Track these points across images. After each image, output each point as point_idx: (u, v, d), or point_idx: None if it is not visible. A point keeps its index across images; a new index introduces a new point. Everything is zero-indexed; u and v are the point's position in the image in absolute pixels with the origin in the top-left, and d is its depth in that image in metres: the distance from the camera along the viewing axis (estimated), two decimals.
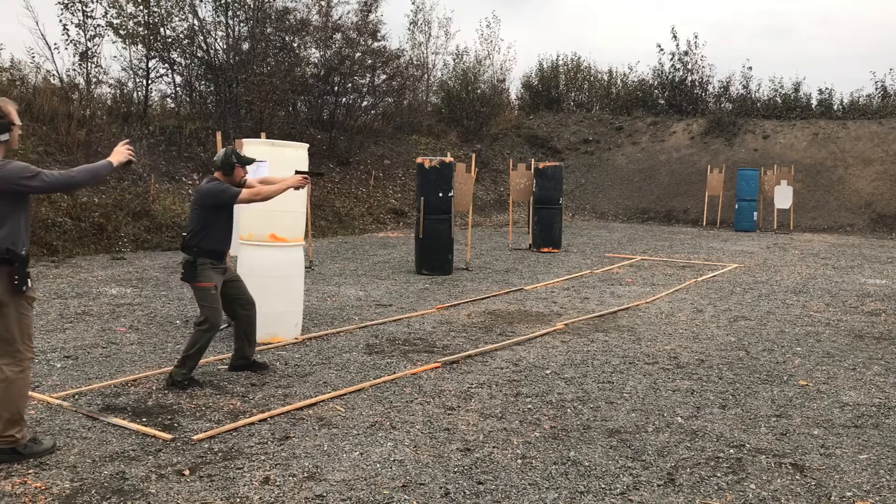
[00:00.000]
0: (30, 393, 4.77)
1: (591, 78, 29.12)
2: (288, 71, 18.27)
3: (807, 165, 21.69)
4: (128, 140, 4.49)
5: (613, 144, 25.39)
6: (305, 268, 8.20)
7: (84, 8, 15.40)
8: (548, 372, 5.64)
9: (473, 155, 13.55)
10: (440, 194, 10.55)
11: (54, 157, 13.21)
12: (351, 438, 4.18)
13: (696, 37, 34.58)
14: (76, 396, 4.80)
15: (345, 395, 4.94)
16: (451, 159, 10.79)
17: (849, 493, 3.62)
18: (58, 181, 4.04)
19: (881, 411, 4.89)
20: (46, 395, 4.76)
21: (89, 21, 15.55)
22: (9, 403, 3.73)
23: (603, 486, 3.65)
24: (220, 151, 5.39)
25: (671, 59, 26.38)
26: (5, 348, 3.73)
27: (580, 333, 7.03)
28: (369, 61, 20.28)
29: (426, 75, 26.06)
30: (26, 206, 3.89)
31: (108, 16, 16.08)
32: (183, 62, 17.68)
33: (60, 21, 15.19)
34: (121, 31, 16.36)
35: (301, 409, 4.65)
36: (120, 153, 4.26)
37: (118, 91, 17.11)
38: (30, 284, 3.78)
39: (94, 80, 15.97)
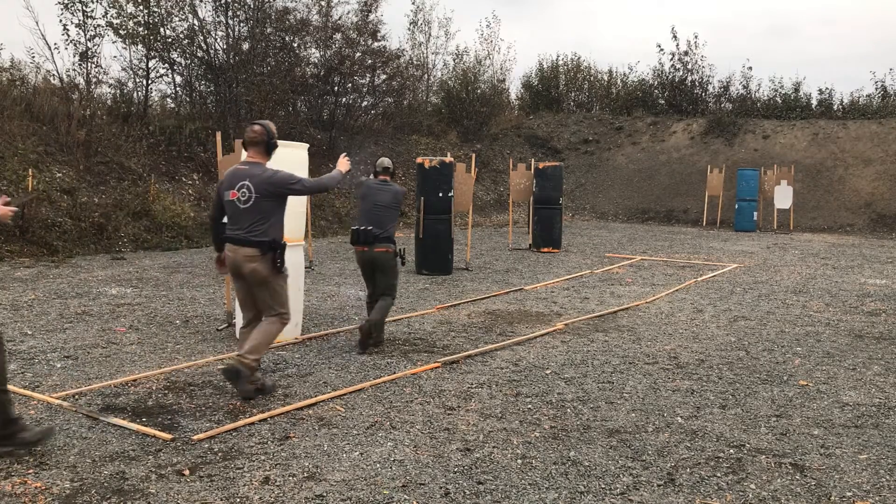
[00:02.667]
0: (30, 393, 4.79)
1: (591, 78, 29.14)
2: (288, 71, 18.28)
3: (807, 165, 21.69)
4: (346, 153, 5.71)
5: (613, 144, 25.39)
6: (305, 268, 8.20)
7: (84, 8, 15.41)
8: (548, 372, 5.64)
9: (473, 155, 13.55)
10: (440, 194, 10.55)
11: (54, 157, 13.21)
12: (351, 438, 4.18)
13: (696, 37, 34.56)
14: (76, 396, 4.80)
15: (345, 395, 4.94)
16: (451, 159, 10.79)
17: (849, 493, 3.62)
18: (311, 186, 5.21)
19: (881, 411, 4.89)
20: (46, 395, 4.76)
21: (89, 21, 15.56)
22: (266, 337, 4.90)
23: (603, 486, 3.65)
24: (387, 159, 6.70)
25: (671, 59, 26.40)
26: (269, 311, 4.96)
27: (580, 333, 7.02)
28: (369, 61, 20.30)
29: (426, 75, 26.07)
30: (285, 205, 4.98)
31: (108, 16, 16.09)
32: (183, 62, 17.69)
33: (60, 21, 15.20)
34: (121, 31, 16.36)
35: (301, 409, 4.65)
36: (344, 164, 5.46)
37: (118, 91, 17.13)
38: (285, 266, 4.93)
39: (94, 80, 15.97)
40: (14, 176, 11.99)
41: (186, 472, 3.66)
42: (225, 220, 4.95)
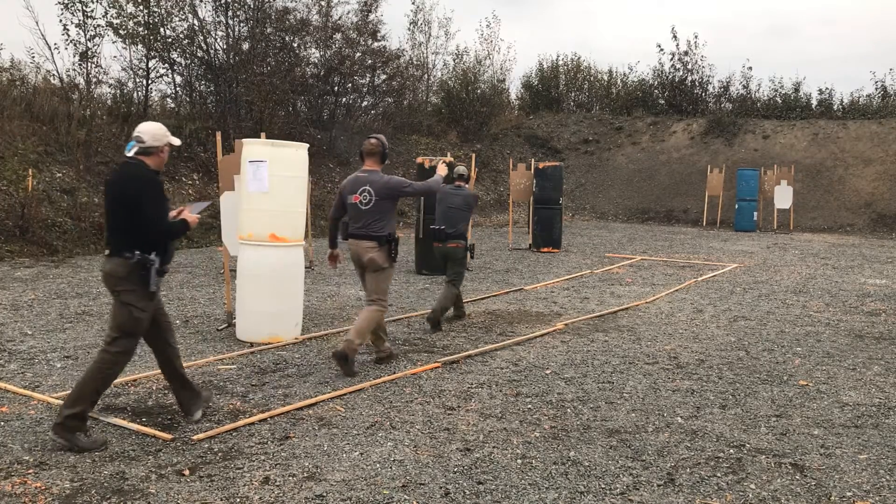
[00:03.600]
0: (30, 393, 4.79)
1: (591, 78, 29.14)
2: (288, 71, 18.28)
3: (807, 165, 21.70)
4: (443, 158, 7.01)
5: (613, 144, 25.39)
6: (305, 268, 8.19)
7: (84, 8, 15.42)
8: (548, 372, 5.64)
9: (473, 155, 13.55)
10: None
11: (54, 157, 13.21)
12: (351, 438, 4.18)
13: (696, 37, 34.56)
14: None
15: (345, 395, 4.94)
16: (452, 159, 10.78)
17: (849, 493, 3.62)
18: (419, 189, 6.06)
19: (881, 411, 4.89)
20: (46, 395, 4.76)
21: (89, 21, 15.58)
22: (368, 324, 5.57)
23: (603, 486, 3.64)
24: (463, 167, 7.55)
25: (671, 59, 26.41)
26: (374, 297, 5.65)
27: (580, 333, 7.02)
28: (369, 61, 20.31)
29: (426, 75, 26.07)
30: (397, 205, 5.81)
31: (108, 16, 16.11)
32: (183, 62, 17.69)
33: (60, 21, 15.21)
34: (121, 31, 16.37)
35: (301, 409, 4.65)
36: (443, 169, 6.15)
37: (118, 91, 17.13)
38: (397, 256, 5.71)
39: (94, 80, 15.99)
40: (14, 176, 11.99)
41: (186, 472, 3.66)
42: (345, 219, 5.75)
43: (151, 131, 4.14)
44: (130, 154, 4.10)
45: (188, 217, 4.23)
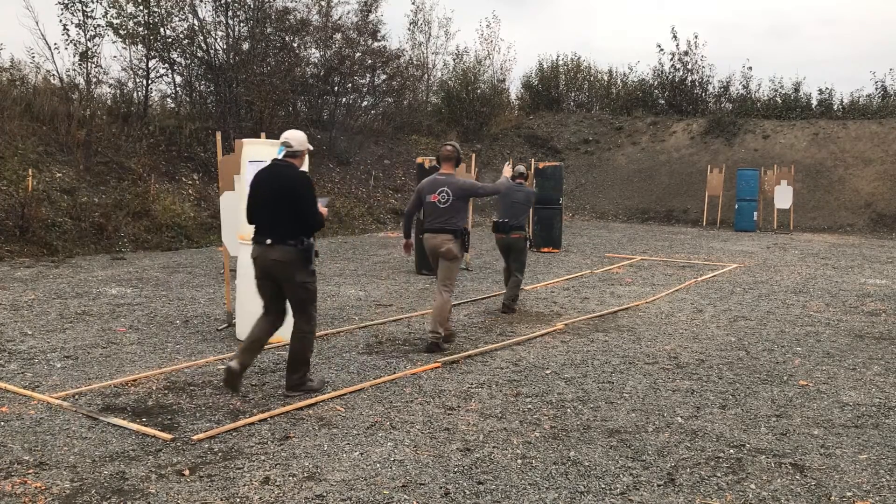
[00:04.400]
0: (30, 393, 4.79)
1: (591, 78, 29.12)
2: (288, 71, 18.28)
3: (807, 165, 21.69)
4: (510, 162, 7.69)
5: (613, 144, 25.39)
6: None
7: (84, 8, 15.41)
8: (548, 372, 5.64)
9: (473, 155, 13.55)
10: None
11: (54, 157, 13.21)
12: (351, 438, 4.18)
13: (696, 37, 34.51)
14: (76, 396, 4.80)
15: (345, 395, 4.94)
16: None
17: (849, 493, 3.62)
18: (489, 190, 6.89)
19: (881, 411, 4.89)
20: (46, 395, 4.76)
21: (89, 21, 15.57)
22: (442, 313, 6.25)
23: (603, 486, 3.64)
24: (522, 167, 8.32)
25: (671, 59, 26.39)
26: (446, 283, 6.33)
27: (580, 333, 7.02)
28: (369, 61, 20.30)
29: (426, 75, 26.07)
30: (469, 203, 6.83)
31: (108, 16, 16.09)
32: (183, 62, 17.68)
33: (60, 21, 15.20)
34: (121, 31, 16.36)
35: (301, 409, 4.65)
36: (508, 171, 7.23)
37: (118, 91, 17.12)
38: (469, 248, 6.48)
39: (94, 80, 15.98)
40: (14, 176, 11.99)
41: (186, 472, 3.66)
42: (420, 215, 6.56)
43: (298, 138, 4.93)
44: (280, 157, 4.84)
45: (321, 210, 4.92)
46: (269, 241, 4.73)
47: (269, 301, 4.94)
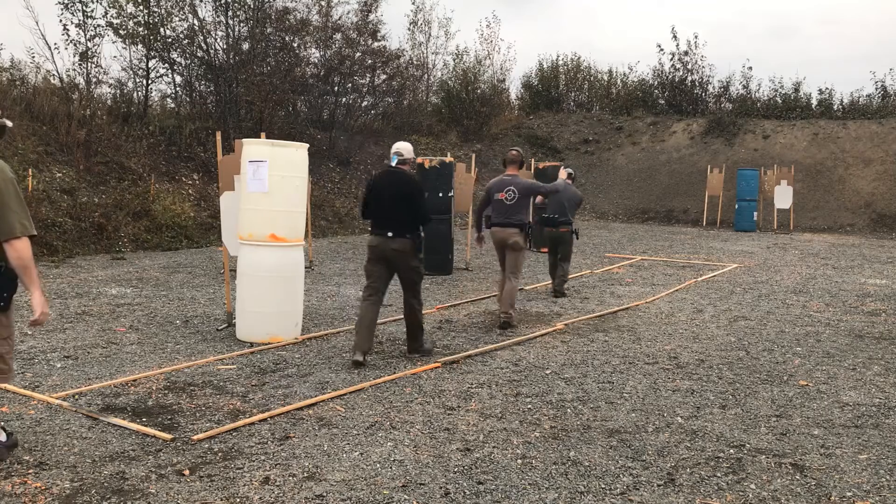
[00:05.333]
0: (30, 393, 4.79)
1: (591, 78, 29.14)
2: (288, 71, 18.28)
3: (807, 165, 21.69)
4: (564, 164, 8.49)
5: (613, 144, 25.39)
6: (305, 268, 8.20)
7: (84, 8, 15.41)
8: (548, 372, 5.64)
9: (473, 155, 13.56)
10: (440, 194, 10.55)
11: (54, 157, 13.21)
12: (351, 438, 4.18)
13: (696, 37, 34.58)
14: (76, 396, 4.80)
15: (345, 395, 4.94)
16: (451, 159, 10.79)
17: (849, 493, 3.62)
18: (548, 189, 7.88)
19: (881, 411, 4.89)
20: (46, 395, 4.76)
21: (89, 21, 15.57)
22: (511, 297, 7.13)
23: (603, 486, 3.64)
24: (571, 170, 9.40)
25: (671, 59, 26.41)
26: (514, 271, 7.17)
27: (580, 333, 7.02)
28: (369, 61, 20.30)
29: (426, 75, 26.08)
30: (531, 201, 7.60)
31: (108, 16, 16.10)
32: (183, 62, 17.68)
33: (60, 21, 15.20)
34: (121, 31, 16.37)
35: (301, 409, 4.65)
36: (564, 173, 8.70)
37: (118, 91, 17.13)
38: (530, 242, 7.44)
39: (94, 80, 15.97)
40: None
41: (186, 472, 3.66)
42: (488, 211, 7.30)
43: (407, 148, 5.94)
44: (394, 164, 5.82)
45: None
46: (389, 234, 5.69)
47: (376, 282, 5.86)
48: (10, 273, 3.41)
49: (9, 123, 3.67)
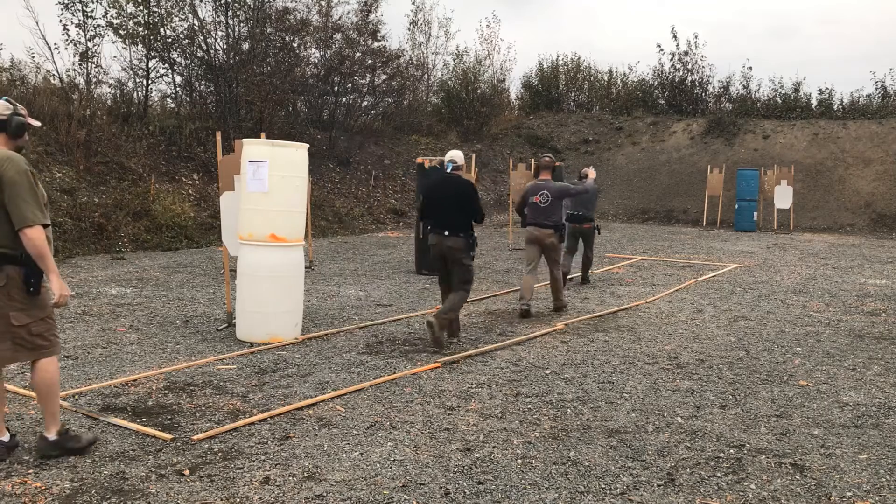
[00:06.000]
0: (30, 393, 4.79)
1: (591, 78, 29.13)
2: (288, 71, 18.28)
3: (807, 165, 21.69)
4: (592, 166, 9.71)
5: (613, 144, 25.40)
6: (305, 268, 8.20)
7: (84, 8, 15.40)
8: (548, 372, 5.64)
9: (473, 155, 13.56)
10: None
11: (54, 157, 13.21)
12: (351, 438, 4.18)
13: (696, 37, 34.56)
14: (76, 396, 4.80)
15: (345, 395, 4.94)
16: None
17: (849, 493, 3.62)
18: (579, 190, 8.44)
19: (881, 411, 4.89)
20: None
21: (89, 21, 15.55)
22: (559, 283, 8.03)
23: (603, 486, 3.64)
24: (592, 173, 9.53)
25: (671, 60, 26.40)
26: (555, 264, 7.99)
27: (580, 333, 7.03)
28: (369, 61, 20.29)
29: (426, 75, 26.07)
30: (563, 203, 8.07)
31: (108, 16, 16.08)
32: (183, 62, 17.68)
33: (60, 21, 15.19)
34: (121, 31, 16.36)
35: (301, 409, 4.65)
36: (593, 173, 9.29)
37: (118, 91, 17.12)
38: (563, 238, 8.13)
39: (94, 80, 15.96)
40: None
41: (186, 472, 3.66)
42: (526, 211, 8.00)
43: (460, 156, 6.67)
44: (449, 171, 6.55)
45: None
46: (446, 233, 6.33)
47: (443, 274, 6.63)
48: (30, 259, 3.65)
49: (36, 123, 3.86)
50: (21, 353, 3.75)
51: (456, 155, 6.64)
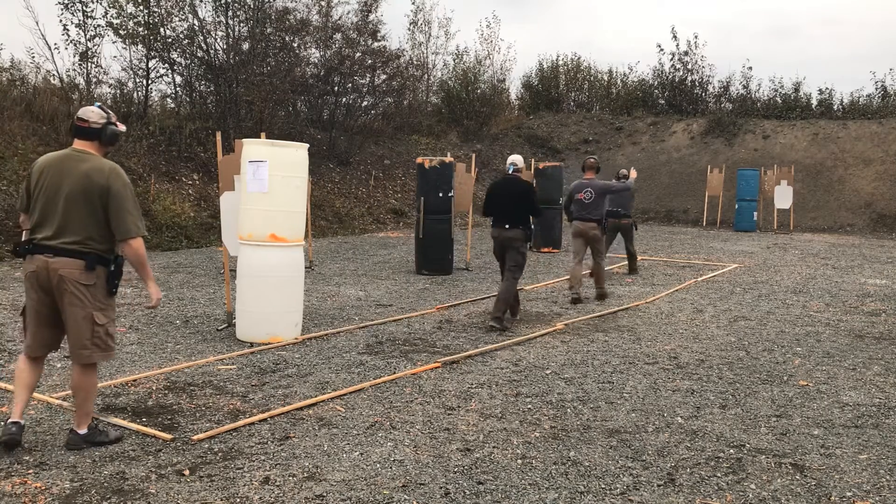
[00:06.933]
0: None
1: (591, 78, 29.14)
2: (288, 71, 18.27)
3: (807, 165, 21.70)
4: (632, 169, 10.33)
5: (613, 144, 25.40)
6: (305, 268, 8.20)
7: (84, 8, 15.41)
8: (548, 372, 5.64)
9: (473, 155, 13.57)
10: (440, 194, 10.55)
11: None
12: (351, 438, 4.18)
13: (696, 37, 34.61)
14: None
15: (345, 395, 4.94)
16: (451, 159, 10.79)
17: (849, 493, 3.62)
18: (620, 188, 9.28)
19: (881, 411, 4.89)
20: (46, 396, 4.76)
21: (89, 21, 15.57)
22: (600, 269, 8.90)
23: (603, 486, 3.64)
24: (634, 173, 9.94)
25: (671, 59, 26.41)
26: (599, 254, 8.89)
27: (580, 333, 7.03)
28: (369, 61, 20.28)
29: (426, 75, 26.07)
30: (606, 199, 8.95)
31: (108, 16, 16.08)
32: (183, 62, 17.66)
33: (60, 21, 15.20)
34: (121, 31, 16.35)
35: (301, 409, 4.65)
36: (634, 173, 9.81)
37: (118, 91, 17.12)
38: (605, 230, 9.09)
39: (94, 80, 15.98)
40: (14, 176, 11.99)
41: (186, 472, 3.66)
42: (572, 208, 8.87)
43: (521, 160, 7.63)
44: (511, 172, 7.47)
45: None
46: (506, 226, 7.19)
47: (502, 263, 7.49)
48: (122, 262, 3.96)
49: (123, 128, 4.01)
50: (96, 353, 3.93)
51: (517, 159, 7.58)
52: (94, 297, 3.85)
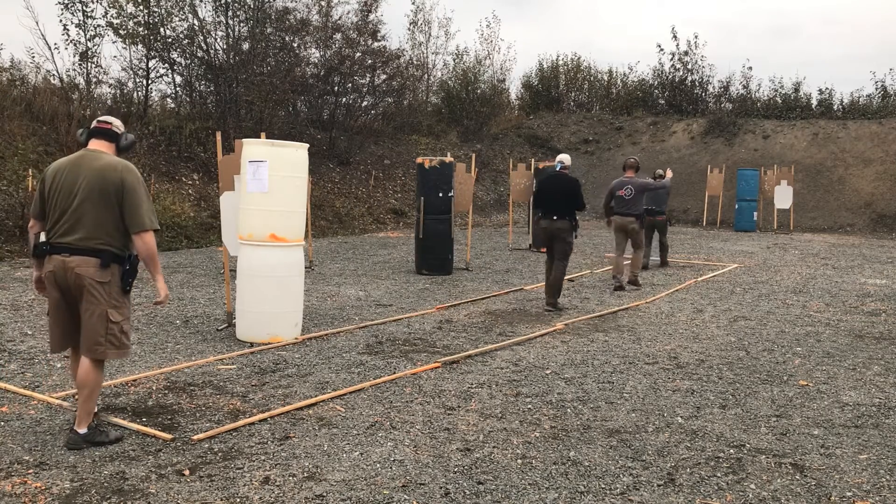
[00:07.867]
0: (30, 393, 4.79)
1: (591, 78, 29.13)
2: (288, 71, 18.27)
3: (807, 165, 21.70)
4: (668, 169, 11.56)
5: (613, 144, 25.40)
6: (305, 268, 8.20)
7: (84, 8, 15.41)
8: (548, 372, 5.64)
9: (473, 155, 13.57)
10: (440, 194, 10.55)
11: (54, 157, 13.20)
12: (351, 438, 4.18)
13: (696, 37, 34.58)
14: (76, 396, 4.79)
15: (345, 395, 4.94)
16: (451, 159, 10.79)
17: (849, 493, 3.62)
18: (657, 186, 10.32)
19: (881, 411, 4.89)
20: (46, 395, 4.76)
21: (89, 21, 15.57)
22: (637, 259, 9.90)
23: (603, 486, 3.64)
24: (670, 173, 11.39)
25: (671, 59, 26.40)
26: (638, 245, 9.92)
27: (580, 333, 7.02)
28: (369, 61, 20.29)
29: (426, 75, 26.07)
30: (644, 196, 9.88)
31: (108, 16, 16.09)
32: (183, 62, 17.67)
33: (60, 21, 15.21)
34: (121, 31, 16.36)
35: (301, 409, 4.65)
36: (669, 173, 11.03)
37: (118, 91, 17.13)
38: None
39: (94, 80, 15.98)
40: (14, 176, 11.99)
41: (186, 472, 3.66)
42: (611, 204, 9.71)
43: (568, 158, 8.41)
44: (558, 169, 8.26)
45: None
46: (555, 218, 7.98)
47: (550, 252, 8.21)
48: (136, 261, 4.04)
49: (131, 136, 4.20)
50: (110, 350, 3.99)
51: (564, 157, 8.39)
52: (109, 294, 3.93)
